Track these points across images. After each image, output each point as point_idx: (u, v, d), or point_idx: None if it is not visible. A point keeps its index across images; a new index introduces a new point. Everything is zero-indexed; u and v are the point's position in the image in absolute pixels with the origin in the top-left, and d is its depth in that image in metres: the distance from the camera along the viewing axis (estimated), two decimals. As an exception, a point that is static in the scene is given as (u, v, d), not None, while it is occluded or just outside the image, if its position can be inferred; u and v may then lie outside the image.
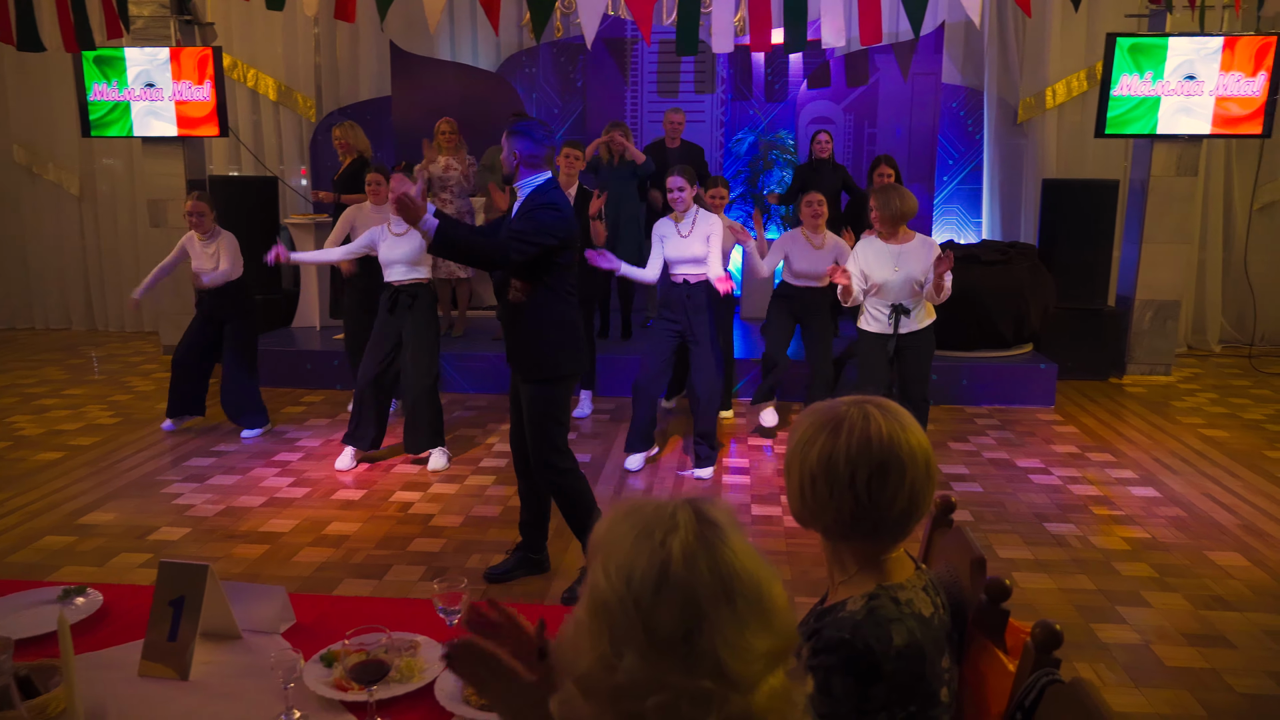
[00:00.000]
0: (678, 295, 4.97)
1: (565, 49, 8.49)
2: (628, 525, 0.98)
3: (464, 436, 5.73)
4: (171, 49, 7.40)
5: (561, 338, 3.53)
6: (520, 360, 3.58)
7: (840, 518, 1.38)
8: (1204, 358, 8.11)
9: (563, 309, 3.54)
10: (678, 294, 4.97)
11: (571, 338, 3.56)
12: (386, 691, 1.68)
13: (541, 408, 3.57)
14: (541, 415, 3.58)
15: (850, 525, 1.39)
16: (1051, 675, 1.31)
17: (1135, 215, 7.28)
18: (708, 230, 4.87)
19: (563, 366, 3.56)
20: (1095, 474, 5.11)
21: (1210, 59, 6.73)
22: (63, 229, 9.23)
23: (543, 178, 3.48)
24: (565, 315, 3.54)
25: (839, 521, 1.39)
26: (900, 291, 4.54)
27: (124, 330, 9.30)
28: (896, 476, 1.36)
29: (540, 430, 3.58)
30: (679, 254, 4.90)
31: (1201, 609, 3.58)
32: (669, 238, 4.94)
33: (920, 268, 4.50)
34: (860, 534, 1.40)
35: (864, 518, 1.38)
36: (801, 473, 1.39)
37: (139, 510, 4.57)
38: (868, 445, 1.36)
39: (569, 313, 3.55)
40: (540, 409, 3.58)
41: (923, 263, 4.51)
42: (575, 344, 3.57)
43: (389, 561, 4.00)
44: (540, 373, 3.55)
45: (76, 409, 6.38)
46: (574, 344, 3.57)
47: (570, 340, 3.55)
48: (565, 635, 1.00)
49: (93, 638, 1.91)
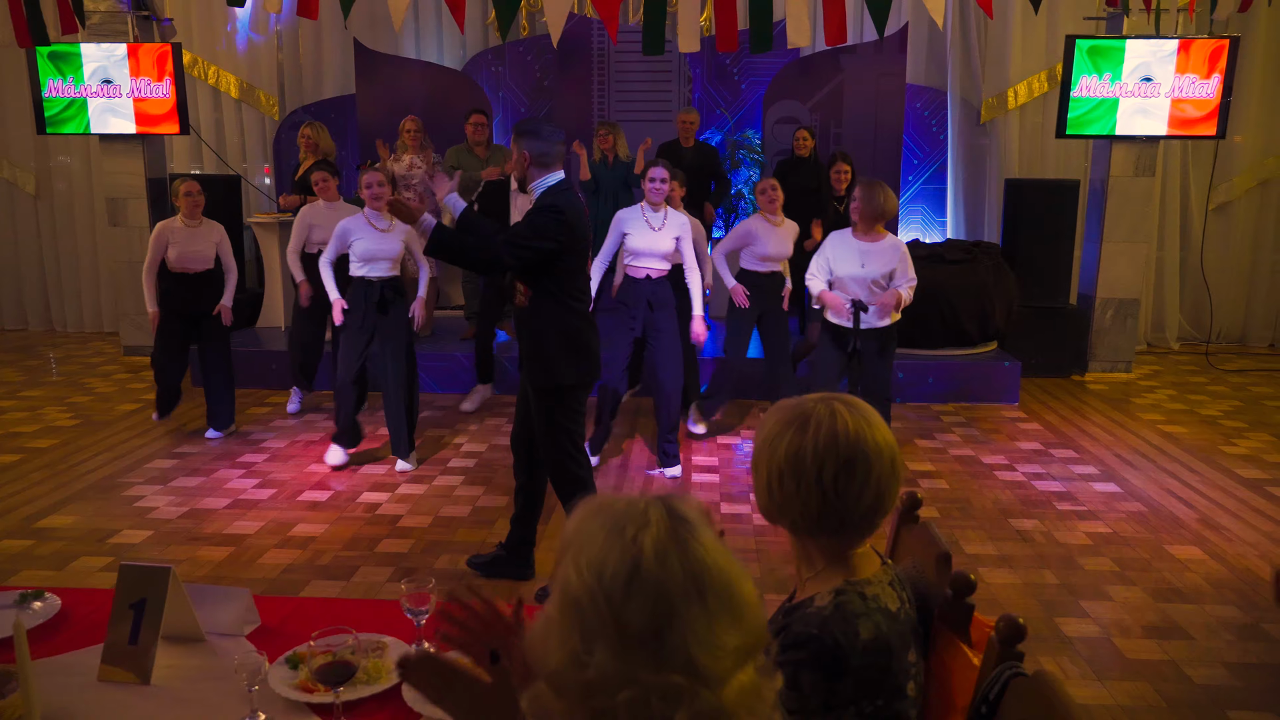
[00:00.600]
0: (640, 291, 4.88)
1: (531, 47, 8.46)
2: (599, 521, 0.98)
3: (432, 437, 5.70)
4: (129, 45, 7.28)
5: (563, 345, 3.43)
6: (525, 365, 3.52)
7: (807, 513, 1.39)
8: (1163, 355, 8.27)
9: (565, 316, 3.43)
10: (640, 289, 4.88)
11: (575, 346, 3.45)
12: (353, 693, 1.66)
13: (547, 417, 3.50)
14: (548, 425, 3.51)
15: (817, 521, 1.40)
16: (1015, 668, 1.32)
17: (1095, 214, 7.40)
18: (678, 230, 4.85)
19: (565, 375, 3.46)
20: (1058, 470, 5.19)
21: (1166, 61, 6.86)
22: (19, 228, 9.04)
23: (555, 178, 3.40)
24: (568, 323, 3.43)
25: (806, 517, 1.40)
26: (860, 288, 4.58)
27: (83, 331, 9.13)
28: (862, 472, 1.37)
29: (550, 440, 3.52)
30: (648, 247, 4.82)
31: (1160, 602, 3.65)
32: (638, 229, 4.82)
33: (884, 268, 4.54)
34: (827, 530, 1.41)
35: (830, 513, 1.39)
36: (769, 469, 1.40)
37: (99, 513, 4.49)
38: (834, 441, 1.37)
39: (573, 320, 3.44)
40: (546, 418, 3.51)
41: (887, 264, 4.55)
42: (579, 352, 3.46)
43: (356, 563, 3.97)
44: (541, 379, 3.47)
45: (34, 411, 6.25)
46: (577, 352, 3.46)
47: (574, 349, 3.45)
48: (536, 632, 1.00)
49: (51, 643, 1.88)
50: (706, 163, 7.11)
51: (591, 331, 3.53)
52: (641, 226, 4.82)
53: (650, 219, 4.83)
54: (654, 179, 4.77)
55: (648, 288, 4.86)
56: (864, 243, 4.60)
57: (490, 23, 8.47)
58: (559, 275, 3.39)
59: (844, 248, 4.62)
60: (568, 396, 3.50)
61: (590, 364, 3.52)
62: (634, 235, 4.82)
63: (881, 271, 4.55)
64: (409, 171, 6.71)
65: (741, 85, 8.54)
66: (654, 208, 4.84)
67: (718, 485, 4.94)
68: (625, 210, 4.94)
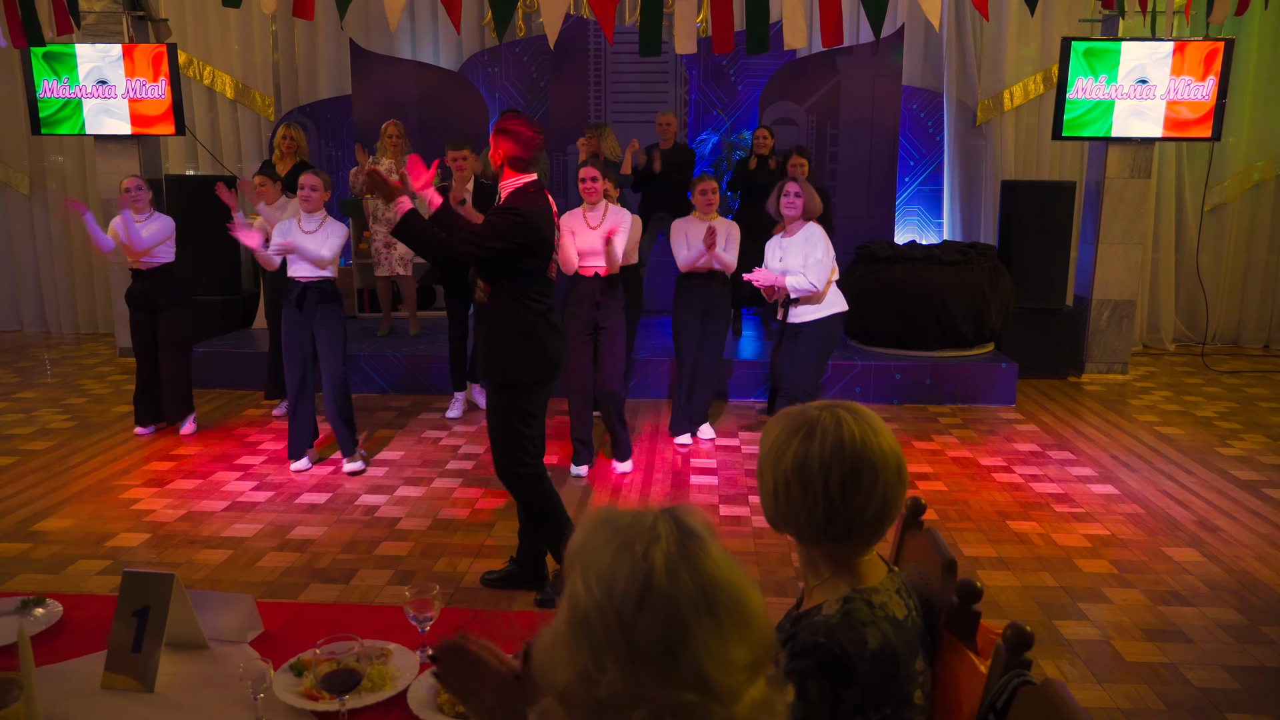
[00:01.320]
0: (587, 289, 4.90)
1: (528, 48, 8.45)
2: (606, 536, 0.97)
3: (429, 439, 5.69)
4: (124, 45, 7.25)
5: (520, 344, 3.42)
6: (481, 361, 3.54)
7: (813, 521, 1.39)
8: (1158, 356, 8.29)
9: (523, 315, 3.42)
10: (587, 288, 4.90)
11: (531, 345, 3.43)
12: (358, 701, 1.66)
13: (499, 414, 3.49)
14: (499, 422, 3.50)
15: (823, 529, 1.40)
16: (1023, 676, 1.32)
17: (1091, 216, 7.42)
18: (615, 221, 4.87)
19: (520, 374, 3.44)
20: (1055, 471, 5.20)
21: (1161, 63, 6.88)
22: (12, 228, 9.01)
23: (525, 180, 3.40)
24: (525, 322, 3.42)
25: (812, 525, 1.40)
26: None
27: (77, 332, 9.10)
28: (869, 480, 1.38)
29: (498, 436, 3.51)
30: (588, 245, 4.84)
31: (1159, 604, 3.66)
32: (579, 228, 4.86)
33: (799, 260, 4.73)
34: (833, 537, 1.42)
35: (837, 521, 1.39)
36: (775, 477, 1.40)
37: (95, 516, 4.48)
38: (840, 449, 1.37)
39: (531, 321, 3.42)
40: (497, 416, 3.50)
41: (801, 255, 4.73)
42: (534, 352, 3.44)
43: (355, 566, 3.96)
44: (495, 375, 3.47)
45: (28, 413, 6.23)
46: (532, 352, 3.44)
47: (529, 348, 3.43)
48: (543, 647, 0.99)
49: (52, 649, 1.87)
50: (684, 164, 7.14)
51: (550, 333, 3.48)
52: (581, 226, 4.88)
53: (588, 217, 4.88)
54: (584, 178, 4.87)
55: (596, 285, 4.89)
56: (785, 238, 4.88)
57: (486, 23, 8.46)
58: (517, 275, 3.39)
59: (770, 250, 4.95)
60: (520, 395, 3.47)
61: (546, 365, 3.47)
62: (577, 235, 4.87)
63: (796, 262, 4.76)
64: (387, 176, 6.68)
65: (738, 86, 8.54)
66: (590, 206, 4.90)
67: (715, 487, 4.94)
68: (568, 213, 4.97)
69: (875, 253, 6.98)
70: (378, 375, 6.73)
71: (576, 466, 5.07)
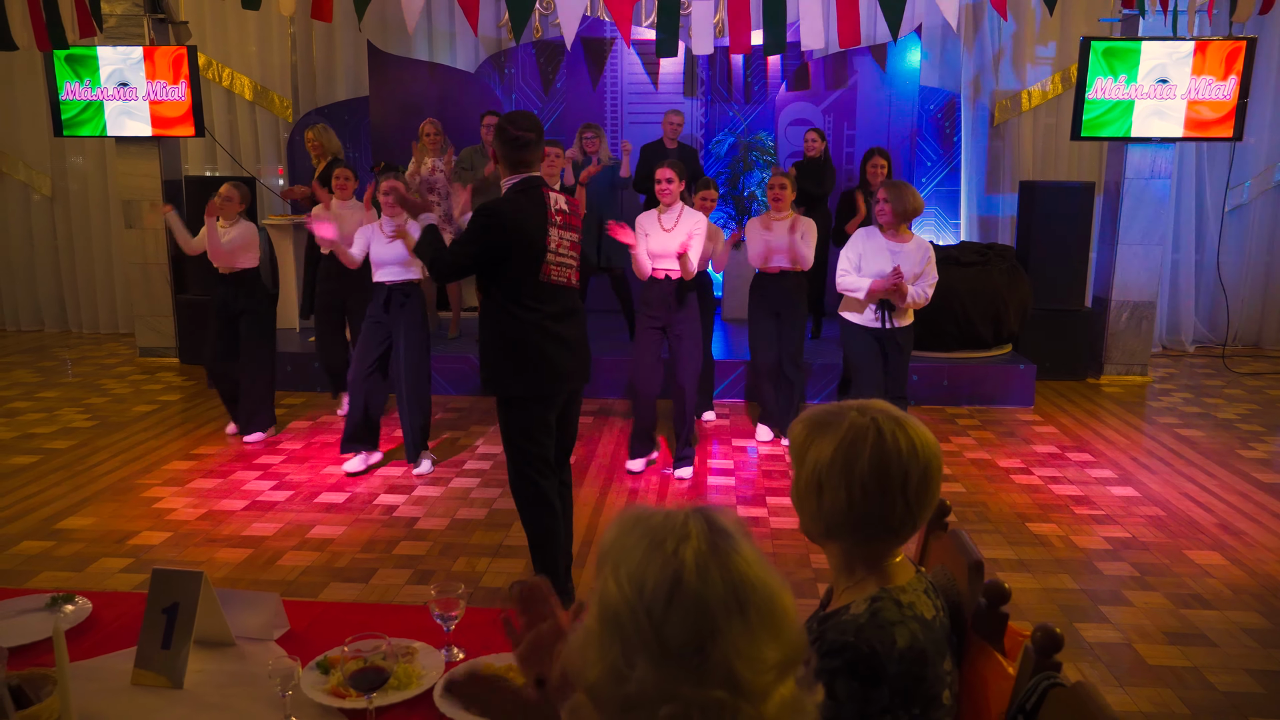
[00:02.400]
0: (659, 291, 4.91)
1: (544, 50, 8.47)
2: (638, 534, 0.98)
3: (448, 440, 5.71)
4: (145, 48, 7.31)
5: (507, 355, 3.27)
6: (481, 373, 3.43)
7: (850, 522, 1.40)
8: (1178, 358, 8.23)
9: (509, 324, 3.25)
10: (659, 290, 4.91)
11: (520, 356, 3.26)
12: (384, 699, 1.66)
13: (503, 427, 3.41)
14: (504, 434, 3.41)
15: (859, 530, 1.41)
16: (1052, 678, 1.32)
17: (1110, 217, 7.37)
18: (691, 226, 4.85)
19: (508, 386, 3.30)
20: (1074, 473, 5.17)
21: (1182, 63, 6.83)
22: (34, 229, 9.09)
23: (518, 179, 3.26)
24: (512, 331, 3.25)
25: (849, 526, 1.40)
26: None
27: (97, 332, 9.18)
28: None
29: (505, 447, 3.44)
30: (662, 248, 4.84)
31: (1181, 608, 3.63)
32: (653, 231, 4.86)
33: (912, 270, 4.56)
34: (868, 538, 1.43)
35: (874, 522, 1.40)
36: (812, 479, 1.40)
37: (117, 514, 4.51)
38: (881, 451, 1.37)
39: (517, 329, 3.25)
40: (502, 428, 3.41)
41: (915, 265, 4.56)
42: (525, 363, 3.26)
43: (374, 565, 3.97)
44: (490, 388, 3.37)
45: (50, 412, 6.29)
46: (522, 363, 3.26)
47: (518, 359, 3.26)
48: (574, 644, 1.00)
49: (82, 646, 1.89)
50: (687, 162, 7.13)
51: (547, 341, 3.27)
52: (655, 228, 4.86)
53: (663, 219, 4.85)
54: (660, 179, 4.81)
55: (668, 288, 4.88)
56: (893, 243, 4.60)
57: (503, 24, 8.49)
58: (504, 282, 3.23)
59: (873, 246, 4.62)
60: (516, 408, 3.33)
61: (538, 376, 3.28)
62: (650, 237, 4.85)
63: (911, 273, 4.57)
64: (431, 175, 6.71)
65: (754, 87, 8.53)
66: (665, 208, 4.86)
67: (733, 488, 4.94)
68: (643, 214, 4.99)
69: (892, 254, 6.95)
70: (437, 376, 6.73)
71: (632, 461, 5.10)
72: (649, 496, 4.83)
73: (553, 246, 3.26)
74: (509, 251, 3.20)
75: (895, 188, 4.53)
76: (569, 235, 3.34)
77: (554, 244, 3.27)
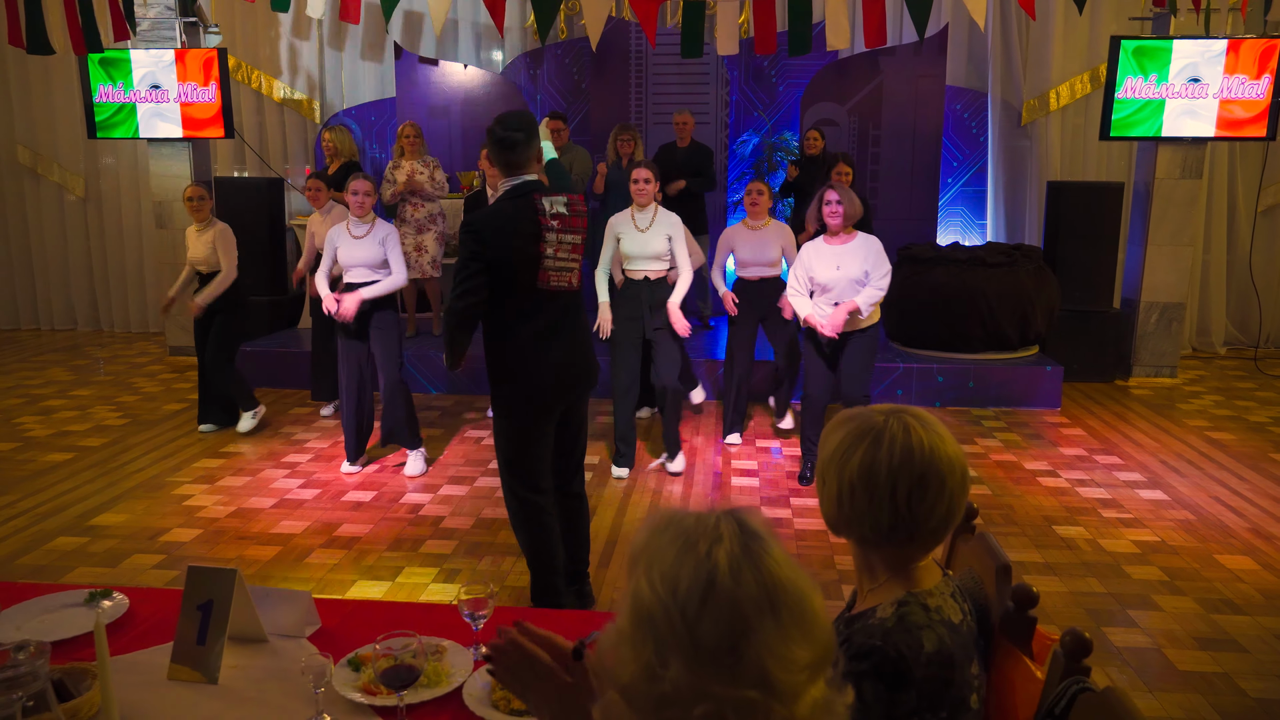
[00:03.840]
0: (639, 292, 4.88)
1: (569, 50, 8.50)
2: (669, 535, 0.99)
3: (471, 438, 5.74)
4: (177, 51, 7.41)
5: (494, 366, 3.17)
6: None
7: (877, 527, 1.39)
8: (1208, 360, 8.13)
9: (502, 335, 3.13)
10: (639, 291, 4.88)
11: (513, 369, 3.14)
12: (415, 696, 1.69)
13: (497, 439, 3.29)
14: (497, 447, 3.31)
15: (887, 534, 1.40)
16: (1082, 683, 1.31)
17: (1139, 217, 7.30)
18: (668, 229, 4.83)
19: (505, 398, 3.18)
20: (1102, 476, 5.13)
21: (1214, 62, 6.75)
22: (68, 230, 9.25)
23: (513, 182, 3.13)
24: (505, 343, 3.13)
25: (875, 530, 1.40)
26: (843, 291, 4.63)
27: (129, 331, 9.31)
28: (936, 488, 1.38)
29: (498, 460, 3.33)
30: (639, 249, 4.81)
31: (1211, 613, 3.60)
32: (628, 232, 4.81)
33: (860, 266, 4.60)
34: (895, 543, 1.42)
35: (901, 527, 1.39)
36: (840, 482, 1.40)
37: (149, 512, 4.58)
38: (909, 457, 1.37)
39: (512, 341, 3.12)
40: (496, 440, 3.30)
41: (862, 262, 4.61)
42: (517, 376, 3.14)
43: (400, 563, 4.01)
44: (493, 401, 3.27)
45: (83, 410, 6.39)
46: (514, 376, 3.14)
47: (512, 371, 3.14)
48: (606, 644, 1.01)
49: (120, 641, 1.92)
50: (700, 162, 7.14)
51: (543, 350, 3.14)
52: (630, 229, 4.83)
53: (638, 220, 4.83)
54: (636, 179, 4.77)
55: (645, 289, 4.87)
56: (836, 245, 4.67)
57: (529, 26, 8.52)
58: (496, 292, 3.09)
59: (818, 255, 4.70)
60: (511, 419, 3.21)
61: (532, 387, 3.16)
62: (625, 239, 4.83)
63: (860, 270, 4.61)
64: (411, 180, 6.67)
65: (779, 87, 8.52)
66: (640, 209, 4.83)
67: (757, 489, 4.93)
68: (616, 215, 4.92)
69: (918, 255, 6.92)
70: (420, 375, 6.80)
71: (618, 468, 5.09)
72: (672, 498, 4.84)
73: (550, 253, 3.10)
74: (497, 260, 3.04)
75: (844, 191, 4.63)
76: (569, 238, 3.16)
77: (551, 249, 3.11)
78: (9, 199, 9.23)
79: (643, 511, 4.62)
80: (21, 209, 9.24)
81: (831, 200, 4.60)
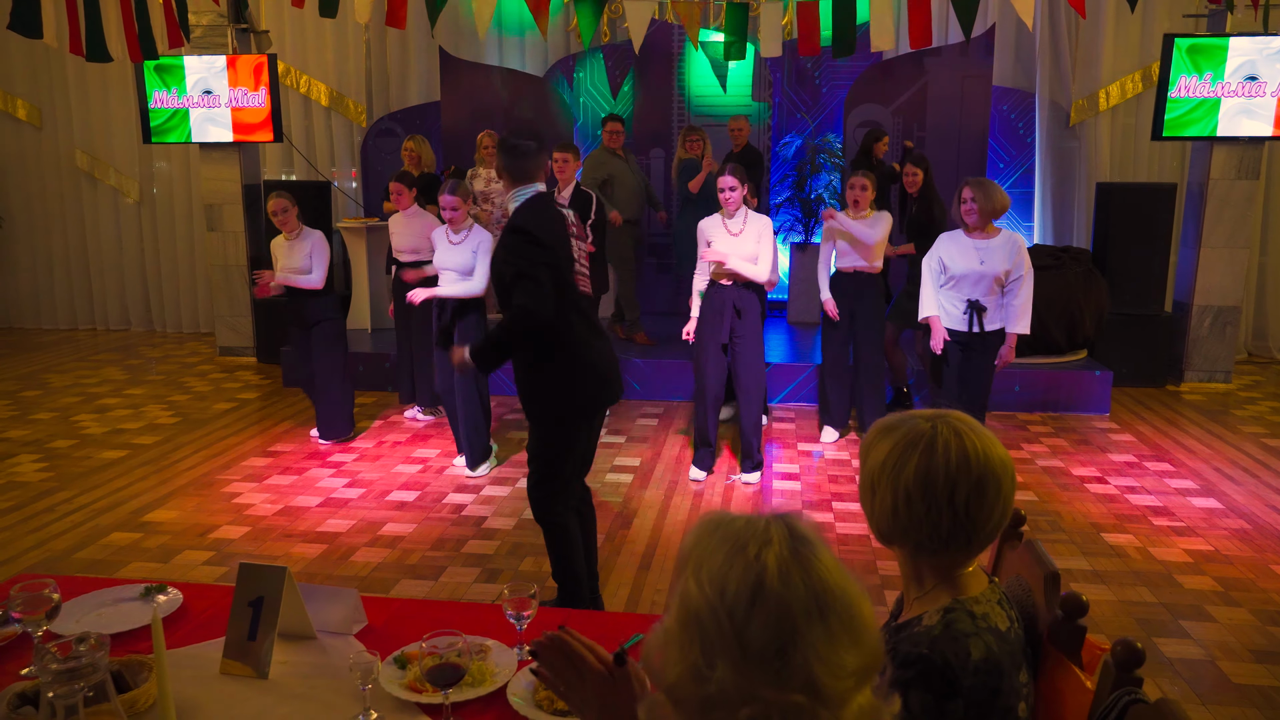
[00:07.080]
0: (725, 297, 4.87)
1: (613, 53, 8.52)
2: (719, 538, 0.99)
3: (513, 440, 5.78)
4: (228, 57, 7.56)
5: (554, 378, 3.14)
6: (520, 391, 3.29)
7: (936, 534, 1.38)
8: (1265, 365, 7.93)
9: (553, 345, 3.11)
10: (725, 296, 4.87)
11: (568, 372, 3.13)
12: (460, 695, 1.70)
13: (534, 447, 3.26)
14: (533, 454, 3.27)
15: (945, 541, 1.39)
16: (1134, 694, 1.29)
17: (1193, 219, 7.13)
18: (759, 229, 4.83)
19: (558, 404, 3.15)
20: (1153, 483, 5.02)
21: (1273, 59, 6.58)
22: (123, 233, 9.48)
23: (530, 190, 3.16)
24: (557, 353, 3.11)
25: (933, 538, 1.39)
26: (978, 287, 4.45)
27: (180, 331, 9.52)
28: (994, 491, 1.37)
29: (531, 466, 3.29)
30: (732, 253, 4.80)
31: (1268, 624, 3.51)
32: (719, 237, 4.82)
33: (1003, 264, 4.40)
34: (952, 549, 1.40)
35: (959, 533, 1.38)
36: (894, 491, 1.38)
37: (199, 509, 4.68)
38: (966, 462, 1.35)
39: (565, 351, 3.12)
40: (533, 447, 3.27)
41: (1006, 259, 4.40)
42: (571, 379, 3.14)
43: (443, 563, 4.05)
44: (534, 408, 3.22)
45: (137, 408, 6.54)
46: (568, 379, 3.14)
47: (566, 375, 3.14)
48: (653, 644, 1.01)
49: (174, 635, 1.97)
50: (751, 166, 7.11)
51: (590, 352, 3.16)
52: (721, 234, 4.82)
53: (729, 225, 4.82)
54: (723, 188, 4.75)
55: (732, 294, 4.85)
56: (979, 240, 4.45)
57: (572, 29, 8.56)
58: None
59: (958, 247, 4.48)
60: (559, 425, 3.20)
61: (586, 388, 3.15)
62: (716, 243, 4.82)
63: (1002, 268, 4.40)
64: (488, 187, 6.77)
65: (822, 89, 8.47)
66: (728, 215, 4.81)
67: (799, 494, 4.91)
68: (706, 219, 4.92)
69: (963, 257, 6.83)
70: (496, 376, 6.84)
71: (696, 471, 5.10)
72: (715, 501, 4.83)
73: (577, 256, 3.21)
74: (554, 261, 3.08)
75: (981, 185, 4.39)
76: (581, 244, 3.28)
77: (576, 253, 3.21)
78: (68, 203, 9.49)
79: (684, 516, 4.61)
80: (79, 212, 9.49)
81: (967, 198, 4.40)
